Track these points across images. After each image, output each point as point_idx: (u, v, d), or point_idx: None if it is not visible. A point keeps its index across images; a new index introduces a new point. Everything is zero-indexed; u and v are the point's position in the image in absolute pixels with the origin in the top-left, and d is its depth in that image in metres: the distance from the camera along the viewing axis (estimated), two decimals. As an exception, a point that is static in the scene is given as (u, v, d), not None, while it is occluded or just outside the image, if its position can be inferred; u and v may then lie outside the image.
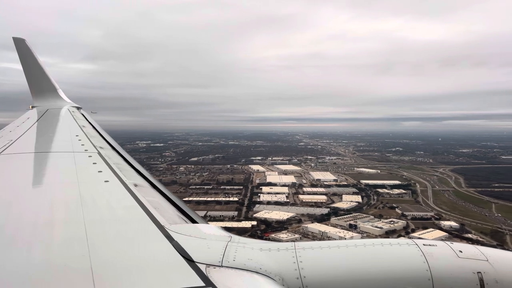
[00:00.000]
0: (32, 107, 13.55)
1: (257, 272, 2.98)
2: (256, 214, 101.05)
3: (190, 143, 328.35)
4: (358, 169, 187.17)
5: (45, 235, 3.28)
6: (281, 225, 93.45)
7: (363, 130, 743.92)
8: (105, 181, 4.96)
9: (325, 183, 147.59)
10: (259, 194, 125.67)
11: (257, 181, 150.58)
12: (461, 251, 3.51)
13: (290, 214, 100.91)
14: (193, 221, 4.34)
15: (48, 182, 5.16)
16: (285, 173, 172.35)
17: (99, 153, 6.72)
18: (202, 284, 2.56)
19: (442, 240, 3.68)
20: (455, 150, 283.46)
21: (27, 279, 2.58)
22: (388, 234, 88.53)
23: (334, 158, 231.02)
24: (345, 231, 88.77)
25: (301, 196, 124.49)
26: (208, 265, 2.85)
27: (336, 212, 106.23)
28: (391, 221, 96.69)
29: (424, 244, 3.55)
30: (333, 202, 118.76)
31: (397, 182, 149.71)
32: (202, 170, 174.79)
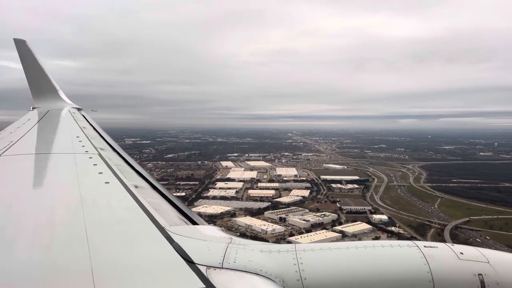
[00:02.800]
0: (33, 108, 13.53)
1: (257, 274, 2.98)
2: (194, 209, 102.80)
3: (178, 140, 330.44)
4: (327, 165, 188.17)
5: (46, 237, 3.29)
6: (211, 219, 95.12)
7: (358, 128, 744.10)
8: (106, 183, 4.96)
9: (284, 178, 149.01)
10: (210, 189, 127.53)
11: (218, 177, 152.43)
12: (462, 253, 3.47)
13: (227, 208, 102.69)
14: (194, 223, 4.39)
15: (49, 183, 5.17)
16: (252, 169, 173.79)
17: (100, 155, 6.67)
18: (203, 285, 2.55)
19: (443, 242, 3.79)
20: (437, 147, 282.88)
21: (28, 280, 2.59)
22: (314, 226, 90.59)
23: (310, 154, 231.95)
24: (271, 224, 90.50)
25: (250, 191, 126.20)
26: (208, 266, 2.86)
27: (275, 206, 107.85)
28: (322, 214, 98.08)
29: (425, 246, 3.53)
30: (280, 196, 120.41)
31: (356, 177, 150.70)
32: (170, 167, 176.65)
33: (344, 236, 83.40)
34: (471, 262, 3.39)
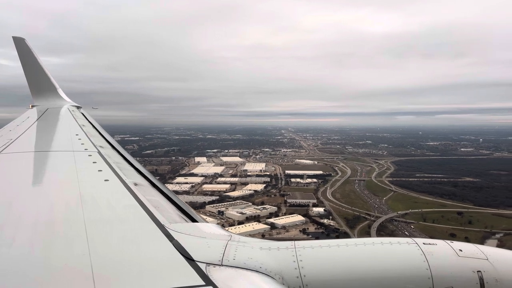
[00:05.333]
0: (32, 106, 13.53)
1: (257, 271, 2.99)
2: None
3: (168, 137, 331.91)
4: (299, 160, 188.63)
5: (45, 234, 3.30)
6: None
7: (355, 125, 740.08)
8: (105, 180, 4.98)
9: (248, 173, 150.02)
10: (165, 184, 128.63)
11: (183, 172, 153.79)
12: (461, 250, 3.49)
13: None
14: (193, 220, 4.41)
15: (48, 181, 5.18)
16: (222, 164, 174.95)
17: (99, 152, 6.71)
18: (202, 283, 2.56)
19: (442, 240, 3.80)
20: (422, 143, 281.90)
21: (28, 278, 2.59)
22: (249, 219, 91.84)
23: (289, 150, 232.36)
24: (205, 217, 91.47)
25: (205, 186, 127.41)
26: (208, 264, 2.87)
27: (223, 199, 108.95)
28: (262, 207, 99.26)
29: (424, 243, 3.53)
30: (234, 190, 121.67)
31: (319, 172, 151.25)
32: (142, 162, 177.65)
33: (273, 228, 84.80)
34: (470, 259, 3.42)
